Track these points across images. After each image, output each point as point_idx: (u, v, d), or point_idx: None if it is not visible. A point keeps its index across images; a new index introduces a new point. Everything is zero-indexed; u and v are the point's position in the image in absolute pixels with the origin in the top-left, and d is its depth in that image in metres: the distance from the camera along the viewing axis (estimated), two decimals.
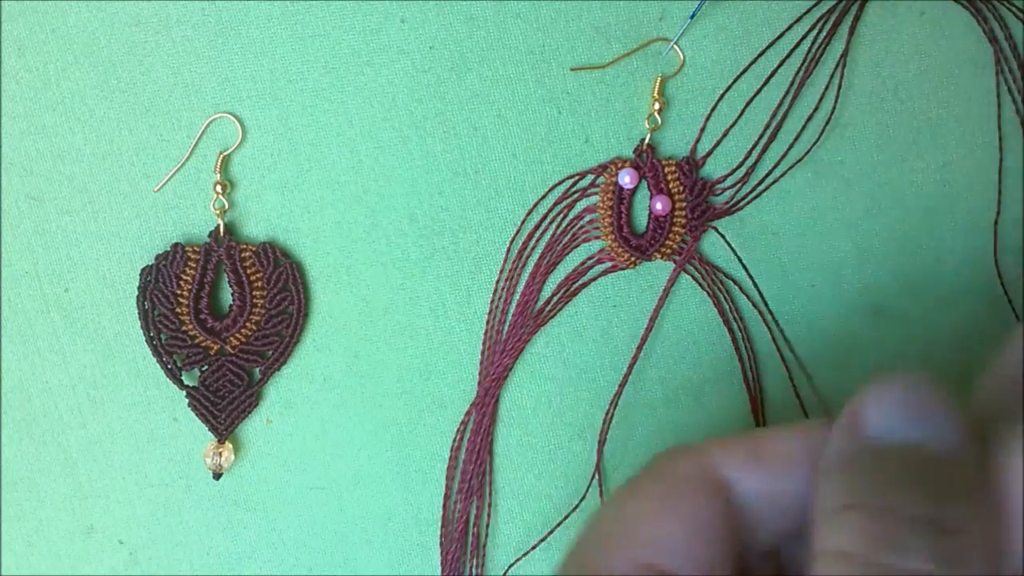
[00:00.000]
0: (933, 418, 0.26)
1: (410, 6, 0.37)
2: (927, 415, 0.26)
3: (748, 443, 0.29)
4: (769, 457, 0.29)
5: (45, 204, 0.37)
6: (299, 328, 0.38)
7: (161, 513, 0.39)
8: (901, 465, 0.26)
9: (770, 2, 0.37)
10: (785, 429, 0.29)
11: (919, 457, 0.26)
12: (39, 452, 0.38)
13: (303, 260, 0.38)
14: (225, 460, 0.38)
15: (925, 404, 0.27)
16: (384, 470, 0.39)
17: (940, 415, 0.26)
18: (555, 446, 0.39)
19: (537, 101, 0.37)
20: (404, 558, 0.39)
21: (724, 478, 0.29)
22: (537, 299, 0.38)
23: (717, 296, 0.38)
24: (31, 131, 0.37)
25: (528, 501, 0.39)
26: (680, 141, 0.38)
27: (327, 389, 0.38)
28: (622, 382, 0.38)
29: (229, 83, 0.37)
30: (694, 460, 0.29)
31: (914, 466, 0.26)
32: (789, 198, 0.38)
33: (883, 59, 0.37)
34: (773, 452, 0.29)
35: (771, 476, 0.29)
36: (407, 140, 0.37)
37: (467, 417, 0.38)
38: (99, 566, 0.39)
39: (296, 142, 0.37)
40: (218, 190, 0.37)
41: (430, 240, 0.38)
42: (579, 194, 0.38)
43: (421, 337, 0.38)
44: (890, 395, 0.27)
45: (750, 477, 0.29)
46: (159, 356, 0.37)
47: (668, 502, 0.28)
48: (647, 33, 0.37)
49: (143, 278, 0.37)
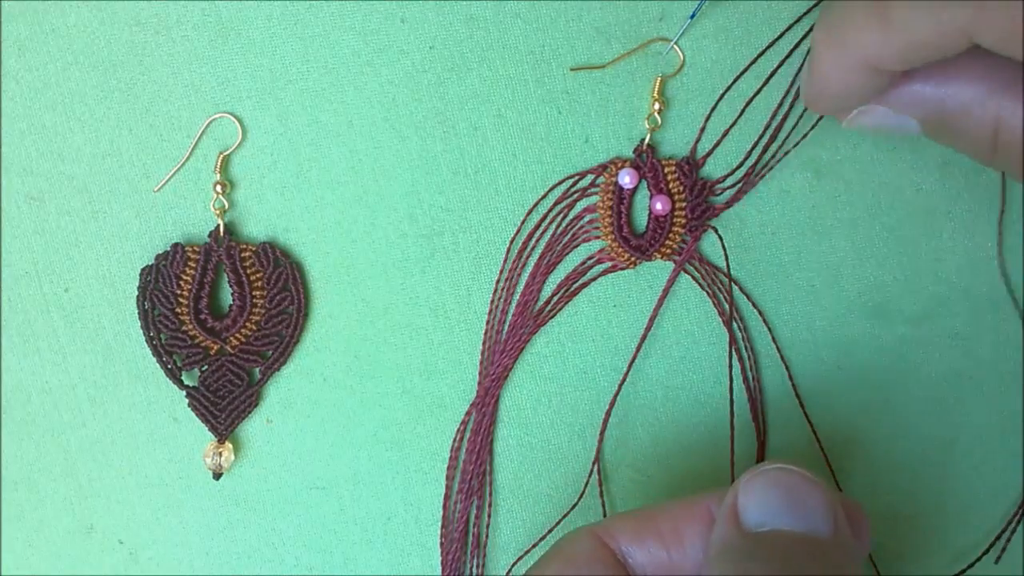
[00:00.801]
0: (805, 507, 0.28)
1: (410, 6, 0.37)
2: (800, 505, 0.28)
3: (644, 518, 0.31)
4: (663, 532, 0.31)
5: (45, 204, 0.37)
6: (299, 328, 0.38)
7: (161, 513, 0.39)
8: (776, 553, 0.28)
9: (770, 2, 0.37)
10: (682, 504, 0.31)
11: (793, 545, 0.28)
12: (39, 452, 0.38)
13: (303, 260, 0.38)
14: (225, 460, 0.38)
15: (798, 494, 0.29)
16: (384, 470, 0.39)
17: (812, 505, 0.28)
18: (555, 446, 0.39)
19: (537, 101, 0.37)
20: (404, 558, 0.39)
21: (620, 552, 0.31)
22: (537, 299, 0.38)
23: (717, 296, 0.38)
24: (31, 131, 0.37)
25: (528, 501, 0.39)
26: (680, 141, 0.38)
27: (327, 389, 0.38)
28: (622, 382, 0.38)
29: (229, 83, 0.37)
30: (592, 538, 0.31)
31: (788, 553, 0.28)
32: (789, 198, 0.38)
33: None
34: (667, 527, 0.31)
35: (664, 550, 0.31)
36: (407, 140, 0.37)
37: (467, 417, 0.38)
38: (99, 566, 0.39)
39: (296, 142, 0.37)
40: (218, 190, 0.37)
41: (430, 240, 0.38)
42: (579, 194, 0.38)
43: (421, 337, 0.38)
44: (765, 486, 0.29)
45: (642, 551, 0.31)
46: (159, 356, 0.37)
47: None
48: (647, 33, 0.37)
49: (143, 278, 0.37)
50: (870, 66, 0.29)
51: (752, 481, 0.29)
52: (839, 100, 0.31)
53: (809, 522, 0.28)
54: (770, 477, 0.29)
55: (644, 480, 0.39)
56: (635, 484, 0.39)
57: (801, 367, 0.38)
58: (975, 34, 0.26)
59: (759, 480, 0.29)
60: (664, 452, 0.39)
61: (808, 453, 0.38)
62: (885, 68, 0.29)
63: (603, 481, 0.39)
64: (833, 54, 0.29)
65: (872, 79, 0.29)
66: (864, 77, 0.29)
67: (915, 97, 0.30)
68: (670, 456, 0.39)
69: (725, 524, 0.29)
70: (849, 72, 0.29)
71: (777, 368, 0.38)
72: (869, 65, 0.29)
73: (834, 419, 0.38)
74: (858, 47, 0.28)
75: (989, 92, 0.29)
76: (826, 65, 0.30)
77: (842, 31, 0.29)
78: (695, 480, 0.38)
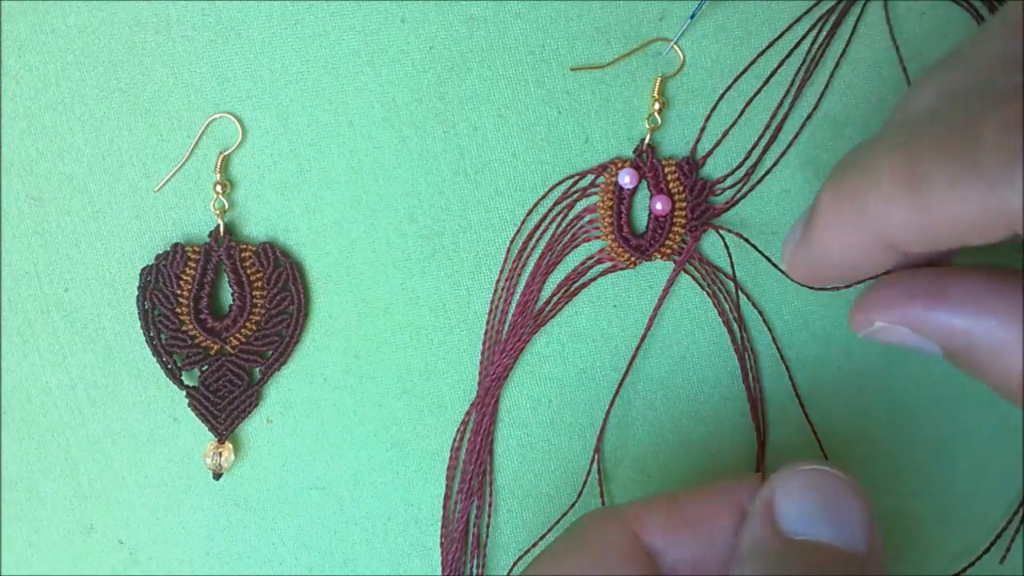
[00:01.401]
0: (843, 519, 0.27)
1: (410, 6, 0.37)
2: (838, 515, 0.27)
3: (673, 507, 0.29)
4: (695, 525, 0.29)
5: (45, 204, 0.37)
6: (299, 328, 0.38)
7: (161, 513, 0.39)
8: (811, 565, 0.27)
9: (770, 2, 0.37)
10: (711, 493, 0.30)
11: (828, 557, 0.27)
12: (39, 452, 0.38)
13: (303, 260, 0.38)
14: (225, 460, 0.38)
15: (837, 504, 0.27)
16: (384, 470, 0.39)
17: (850, 517, 0.27)
18: (555, 446, 0.39)
19: (537, 101, 0.37)
20: (404, 558, 0.39)
21: (651, 548, 0.29)
22: (537, 299, 0.38)
23: (717, 296, 0.38)
24: (31, 131, 0.37)
25: (528, 501, 0.39)
26: (680, 141, 0.38)
27: (327, 389, 0.38)
28: (621, 382, 0.38)
29: (229, 83, 0.37)
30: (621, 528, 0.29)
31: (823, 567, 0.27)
32: (789, 198, 0.38)
33: (883, 59, 0.37)
34: (697, 518, 0.29)
35: (695, 542, 0.29)
36: (407, 140, 0.37)
37: (467, 417, 0.38)
38: (99, 566, 0.39)
39: (296, 142, 0.37)
40: (218, 190, 0.37)
41: (430, 240, 0.38)
42: (579, 194, 0.38)
43: (421, 337, 0.38)
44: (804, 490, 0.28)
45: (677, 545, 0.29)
46: (159, 356, 0.37)
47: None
48: (647, 33, 0.37)
49: (143, 278, 0.37)
50: (889, 244, 0.25)
51: (790, 482, 0.28)
52: (837, 274, 0.28)
53: (848, 537, 0.27)
54: (809, 480, 0.28)
55: (644, 480, 0.39)
56: (635, 484, 0.39)
57: (801, 367, 0.38)
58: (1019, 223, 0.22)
59: (798, 482, 0.28)
60: (664, 452, 0.39)
61: (808, 453, 0.38)
62: (907, 249, 0.25)
63: (603, 481, 0.39)
64: (846, 224, 0.25)
65: (885, 256, 0.26)
66: (878, 253, 0.25)
67: (942, 327, 0.26)
68: (670, 456, 0.39)
69: (760, 524, 0.28)
70: (861, 246, 0.25)
71: (777, 368, 0.38)
72: (888, 243, 0.25)
73: (834, 419, 0.38)
74: (880, 221, 0.24)
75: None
76: (834, 234, 0.26)
77: (863, 198, 0.24)
78: (695, 480, 0.38)
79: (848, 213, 0.25)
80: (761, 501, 0.28)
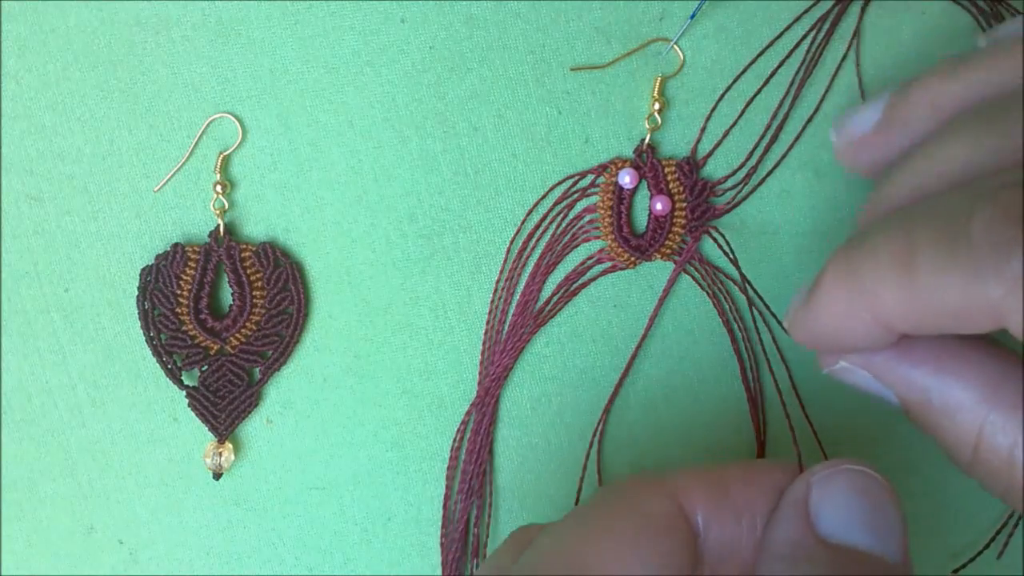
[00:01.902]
0: (886, 527, 0.26)
1: (410, 6, 0.37)
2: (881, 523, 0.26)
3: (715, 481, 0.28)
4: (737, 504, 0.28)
5: (45, 204, 0.37)
6: (299, 328, 0.38)
7: (161, 513, 0.39)
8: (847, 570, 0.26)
9: (770, 2, 0.37)
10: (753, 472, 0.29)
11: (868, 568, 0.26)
12: (39, 452, 0.38)
13: (303, 260, 0.38)
14: (225, 460, 0.38)
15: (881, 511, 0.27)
16: (384, 470, 0.39)
17: (893, 525, 0.27)
18: (555, 446, 0.39)
19: (537, 101, 0.37)
20: (404, 558, 0.39)
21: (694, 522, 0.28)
22: (537, 299, 0.38)
23: (717, 296, 0.38)
24: (31, 131, 0.37)
25: (528, 501, 0.39)
26: (680, 141, 0.38)
27: (327, 389, 0.38)
28: (621, 382, 0.38)
29: (229, 83, 0.37)
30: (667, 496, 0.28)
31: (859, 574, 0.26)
32: (789, 198, 0.38)
33: (883, 59, 0.37)
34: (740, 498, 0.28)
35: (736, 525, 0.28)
36: (407, 140, 0.37)
37: (467, 417, 0.38)
38: (99, 566, 0.39)
39: (296, 142, 0.37)
40: (218, 190, 0.37)
41: (430, 240, 0.38)
42: (579, 194, 0.38)
43: (421, 337, 0.38)
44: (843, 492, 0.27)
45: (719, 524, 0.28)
46: (159, 356, 0.37)
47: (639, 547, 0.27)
48: (647, 33, 0.37)
49: (143, 278, 0.37)
50: (884, 323, 0.25)
51: (829, 481, 0.27)
52: (836, 343, 0.28)
53: (886, 545, 0.26)
54: (848, 480, 0.27)
55: None
56: None
57: (801, 367, 0.38)
58: (1003, 317, 0.22)
59: (837, 482, 0.27)
60: (664, 452, 0.39)
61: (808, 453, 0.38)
62: (901, 331, 0.25)
63: (603, 481, 0.39)
64: (845, 298, 0.26)
65: (881, 335, 0.26)
66: (873, 331, 0.26)
67: (901, 378, 0.27)
68: (670, 456, 0.39)
69: (795, 523, 0.27)
70: (858, 322, 0.26)
71: (777, 368, 0.38)
72: (881, 321, 0.25)
73: (834, 419, 0.38)
74: (874, 299, 0.25)
75: (980, 399, 0.25)
76: (833, 306, 0.26)
77: (861, 276, 0.25)
78: None
79: (847, 287, 0.26)
80: (796, 497, 0.27)
